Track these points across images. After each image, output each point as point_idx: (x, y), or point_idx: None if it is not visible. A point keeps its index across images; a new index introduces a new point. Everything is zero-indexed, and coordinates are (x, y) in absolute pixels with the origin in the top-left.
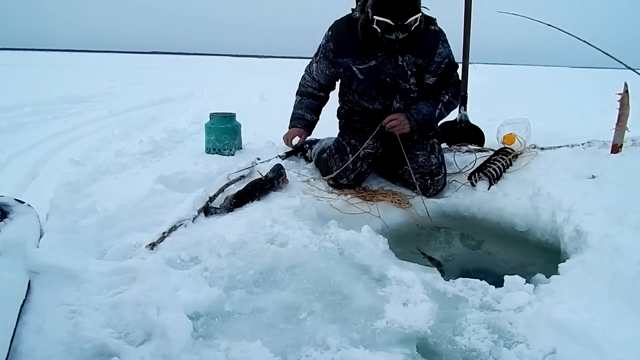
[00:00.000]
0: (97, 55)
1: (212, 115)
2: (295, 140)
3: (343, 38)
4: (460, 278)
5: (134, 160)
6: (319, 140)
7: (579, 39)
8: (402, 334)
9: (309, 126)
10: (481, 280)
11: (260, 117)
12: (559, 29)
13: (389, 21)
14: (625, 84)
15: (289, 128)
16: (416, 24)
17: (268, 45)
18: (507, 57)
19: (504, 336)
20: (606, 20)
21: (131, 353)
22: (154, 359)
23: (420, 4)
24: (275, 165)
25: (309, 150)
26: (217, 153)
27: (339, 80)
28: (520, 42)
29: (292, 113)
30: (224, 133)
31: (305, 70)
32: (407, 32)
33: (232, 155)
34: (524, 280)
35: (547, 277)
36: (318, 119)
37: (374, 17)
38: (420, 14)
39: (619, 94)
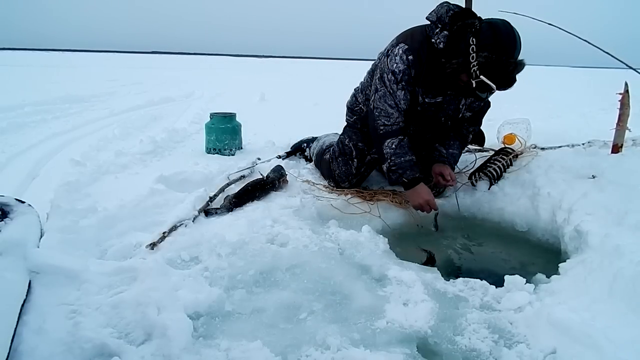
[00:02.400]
0: (97, 55)
1: (212, 115)
2: (434, 206)
3: (423, 67)
4: (461, 278)
5: (134, 160)
6: (316, 138)
7: (580, 38)
8: (403, 334)
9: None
10: (481, 280)
11: (260, 117)
12: (560, 28)
13: (494, 87)
14: (626, 84)
15: (405, 179)
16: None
17: (268, 45)
18: None
19: (504, 336)
20: (607, 19)
21: (131, 353)
22: (155, 359)
23: None
24: (276, 166)
25: (307, 150)
26: (217, 153)
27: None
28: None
29: (398, 162)
30: (224, 133)
31: (387, 105)
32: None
33: (233, 155)
34: (524, 280)
35: (548, 277)
36: None
37: (481, 76)
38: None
39: (620, 93)
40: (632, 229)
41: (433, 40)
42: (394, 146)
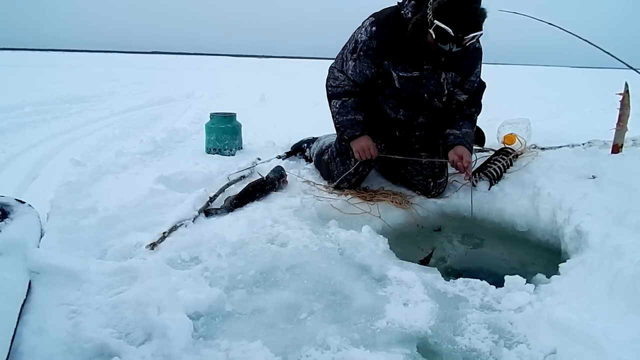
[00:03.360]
0: (97, 55)
1: (212, 115)
2: (374, 153)
3: (389, 39)
4: (461, 278)
5: (135, 160)
6: (316, 138)
7: (580, 38)
8: (403, 334)
9: (366, 128)
10: (482, 280)
11: (260, 117)
12: (561, 28)
13: (449, 30)
14: (626, 84)
15: (346, 137)
16: (472, 42)
17: (268, 45)
18: (507, 57)
19: (504, 336)
20: (607, 19)
21: (132, 353)
22: (155, 359)
23: (483, 21)
24: (276, 167)
25: (307, 150)
26: (217, 153)
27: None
28: (520, 42)
29: (341, 120)
30: (224, 133)
31: (335, 69)
32: (462, 48)
33: (233, 155)
34: (525, 280)
35: (548, 277)
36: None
37: (435, 21)
38: (481, 32)
39: (620, 93)
40: (632, 229)
41: (402, 12)
42: (337, 106)
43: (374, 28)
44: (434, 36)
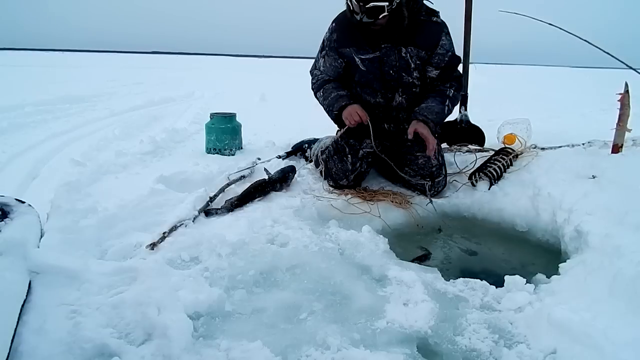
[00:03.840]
0: (97, 55)
1: (212, 115)
2: (363, 114)
3: (346, 28)
4: (461, 278)
5: (135, 160)
6: (318, 139)
7: (580, 38)
8: (403, 334)
9: (353, 99)
10: (482, 280)
11: (260, 117)
12: (560, 28)
13: (354, 1)
14: (626, 84)
15: (336, 112)
16: (385, 14)
17: (268, 45)
18: (507, 57)
19: (504, 336)
20: (607, 19)
21: (132, 353)
22: (155, 359)
23: None
24: (287, 166)
25: (308, 150)
26: (217, 153)
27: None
28: (520, 42)
29: (327, 103)
30: (224, 133)
31: (311, 71)
32: (374, 19)
33: (233, 155)
34: (525, 280)
35: (548, 277)
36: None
37: None
38: (387, 4)
39: (620, 93)
40: (632, 229)
41: None
42: (322, 94)
43: (334, 24)
44: (351, 7)
